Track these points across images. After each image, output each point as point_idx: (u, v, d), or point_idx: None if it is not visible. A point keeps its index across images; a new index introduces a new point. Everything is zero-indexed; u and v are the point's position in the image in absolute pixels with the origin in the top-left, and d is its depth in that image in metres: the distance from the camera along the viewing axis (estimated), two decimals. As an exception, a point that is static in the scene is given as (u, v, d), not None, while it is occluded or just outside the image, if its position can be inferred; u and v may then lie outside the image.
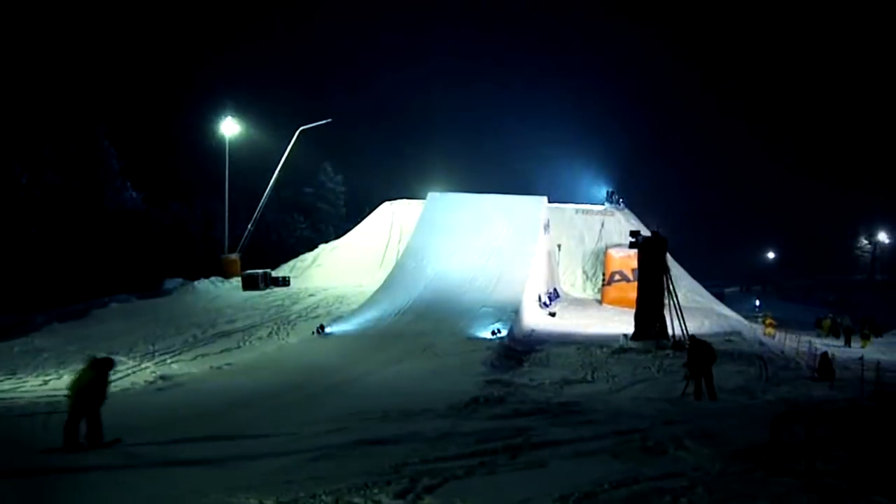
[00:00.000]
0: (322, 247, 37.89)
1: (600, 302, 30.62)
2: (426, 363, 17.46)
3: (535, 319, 25.21)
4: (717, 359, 14.19)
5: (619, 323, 25.52)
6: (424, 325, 21.81)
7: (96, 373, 9.72)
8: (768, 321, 29.25)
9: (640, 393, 14.87)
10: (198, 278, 31.60)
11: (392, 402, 12.56)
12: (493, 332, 20.65)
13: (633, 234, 22.43)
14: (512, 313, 23.09)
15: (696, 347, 14.37)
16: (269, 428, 10.59)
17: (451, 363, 17.29)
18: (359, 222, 40.38)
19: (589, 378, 16.68)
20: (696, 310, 26.82)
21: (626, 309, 27.97)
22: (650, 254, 21.32)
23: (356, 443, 9.27)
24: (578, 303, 30.63)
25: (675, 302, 20.77)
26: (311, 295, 29.20)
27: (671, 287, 20.99)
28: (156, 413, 11.82)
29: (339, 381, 15.05)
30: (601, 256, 33.93)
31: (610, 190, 36.51)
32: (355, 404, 12.37)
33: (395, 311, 23.59)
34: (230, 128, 35.71)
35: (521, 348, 20.25)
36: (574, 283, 34.00)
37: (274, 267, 34.93)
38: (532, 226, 30.04)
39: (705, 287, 33.83)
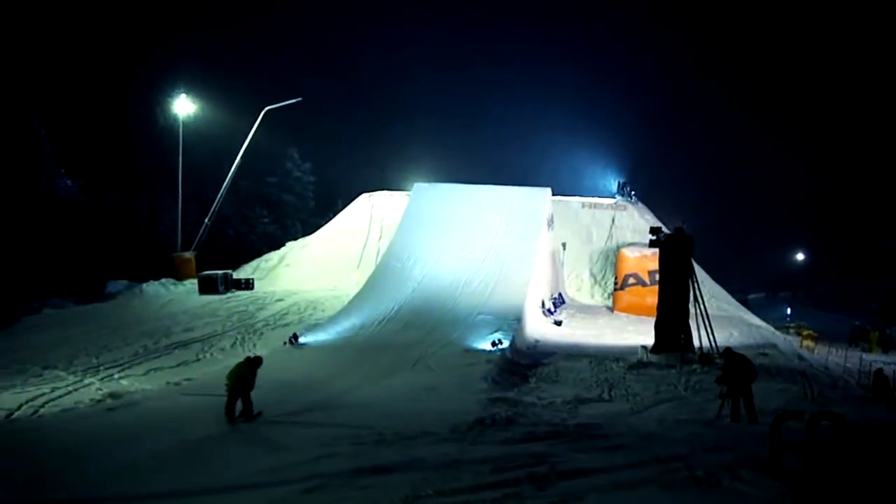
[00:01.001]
0: (290, 245, 37.87)
1: (612, 309, 30.70)
2: (419, 378, 17.34)
3: (538, 329, 25.21)
4: (757, 375, 14.15)
5: (635, 333, 25.70)
6: (414, 334, 21.73)
7: (249, 368, 13.50)
8: (805, 332, 29.42)
9: (667, 414, 14.82)
10: (146, 280, 31.56)
11: (385, 423, 12.41)
12: (494, 344, 20.55)
13: (655, 230, 22.44)
14: (513, 322, 23.05)
15: (732, 362, 14.28)
16: (247, 454, 10.37)
17: (447, 379, 17.21)
18: (331, 217, 40.34)
19: (606, 396, 16.65)
20: (721, 318, 26.99)
21: (642, 317, 28.20)
22: (674, 254, 21.35)
23: (354, 471, 9.09)
24: (586, 310, 30.68)
25: (703, 310, 20.80)
26: (280, 299, 29.17)
27: (698, 292, 21.03)
28: (111, 438, 11.54)
29: (321, 398, 14.87)
30: (612, 257, 34.08)
31: (621, 181, 36.76)
32: (344, 426, 12.19)
33: (380, 318, 23.47)
34: (184, 107, 35.41)
35: (525, 362, 20.24)
36: (580, 287, 34.11)
37: (234, 267, 35.04)
38: (534, 222, 30.06)
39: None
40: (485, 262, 27.69)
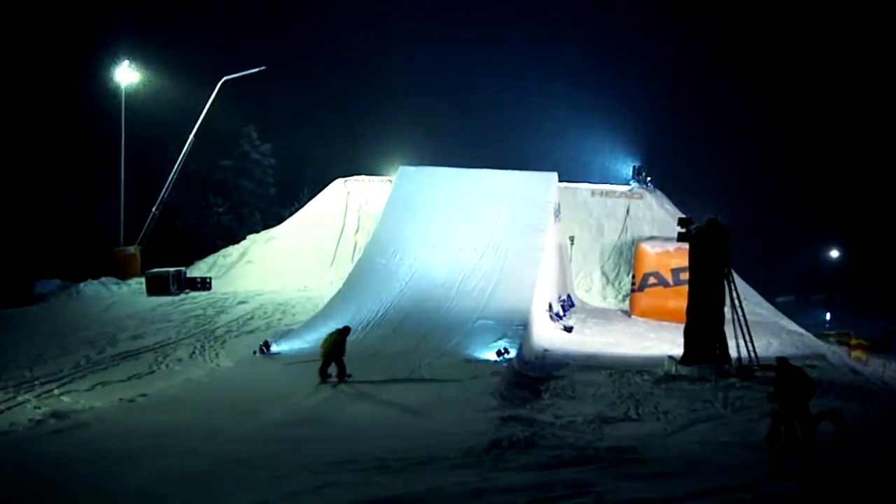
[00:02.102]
0: (252, 238, 37.75)
1: (628, 313, 30.73)
2: (416, 393, 17.20)
3: (546, 336, 25.17)
4: (815, 391, 14.05)
5: (658, 341, 25.76)
6: (404, 342, 21.61)
7: (340, 337, 18.16)
8: (854, 342, 29.49)
9: (707, 435, 14.81)
10: (82, 279, 31.19)
11: (386, 445, 12.35)
12: (500, 353, 20.48)
13: (684, 221, 22.39)
14: (519, 327, 23.00)
15: (786, 375, 14.08)
16: (235, 486, 10.18)
17: (449, 394, 17.12)
18: (296, 206, 40.21)
19: (633, 415, 16.63)
20: (756, 325, 26.86)
21: (664, 322, 28.33)
22: (707, 249, 21.29)
23: (362, 504, 8.92)
24: (599, 314, 30.73)
25: (741, 314, 20.79)
26: (242, 302, 29.05)
27: (735, 294, 21.02)
28: (69, 467, 11.32)
29: (304, 417, 14.72)
30: (626, 253, 34.12)
31: (637, 165, 36.78)
32: (338, 450, 12.07)
33: (363, 323, 23.34)
34: (126, 76, 35.00)
35: (534, 374, 20.21)
36: (590, 287, 34.17)
37: (185, 263, 34.80)
38: (539, 211, 30.07)
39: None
40: (483, 259, 27.60)
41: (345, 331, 18.41)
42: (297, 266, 33.62)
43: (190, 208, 51.85)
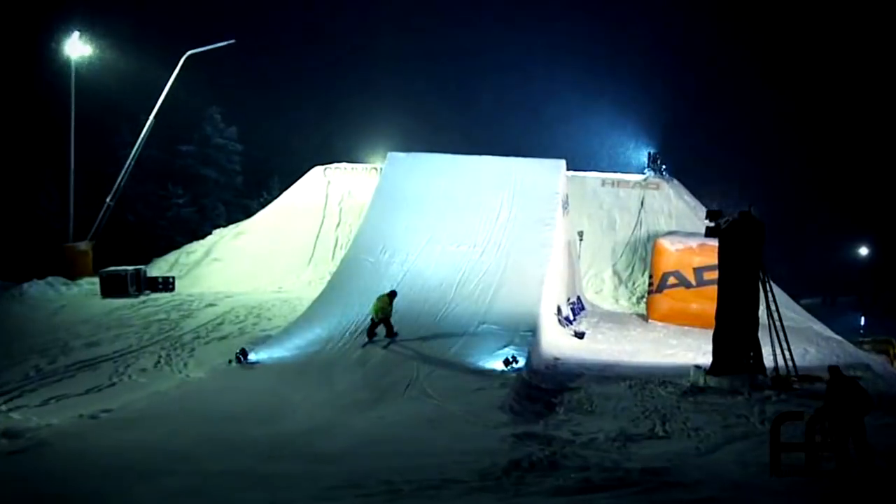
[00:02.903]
0: (220, 233, 37.56)
1: (645, 317, 30.64)
2: (416, 407, 17.26)
3: (556, 342, 25.14)
4: (873, 405, 13.90)
5: (680, 348, 25.79)
6: (399, 349, 21.66)
7: (389, 300, 22.50)
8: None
9: (746, 455, 14.73)
10: (26, 278, 30.87)
11: (391, 466, 12.36)
12: (507, 362, 20.42)
13: (713, 214, 22.30)
14: (527, 333, 22.98)
15: (840, 387, 13.94)
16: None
17: (454, 407, 17.16)
18: (266, 198, 39.95)
19: (660, 432, 16.58)
20: (789, 330, 26.92)
21: (687, 328, 28.36)
22: (740, 246, 21.21)
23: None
24: (612, 318, 30.66)
25: (777, 319, 20.73)
26: (211, 304, 29.00)
27: (771, 296, 20.96)
28: (23, 492, 11.02)
29: (295, 434, 14.68)
30: (641, 250, 34.07)
31: (653, 152, 36.66)
32: (337, 471, 12.04)
33: (351, 328, 23.32)
34: (77, 49, 34.73)
35: (546, 386, 20.20)
36: (601, 288, 34.09)
37: (142, 261, 34.58)
38: (546, 203, 29.90)
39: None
40: (484, 256, 27.54)
41: (392, 294, 22.96)
42: (271, 264, 33.55)
43: (145, 199, 51.55)
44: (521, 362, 20.56)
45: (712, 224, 22.27)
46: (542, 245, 28.04)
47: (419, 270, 26.98)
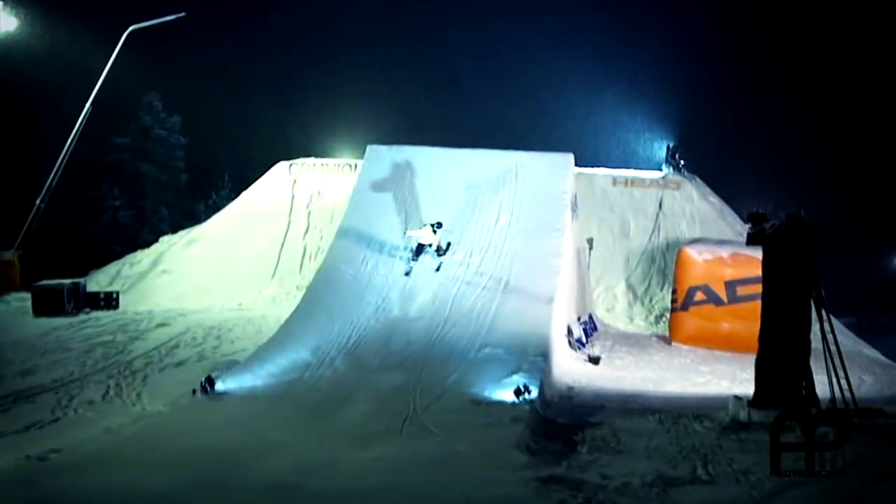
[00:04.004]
0: (167, 241, 37.55)
1: (667, 339, 30.71)
2: (418, 446, 16.95)
3: (569, 368, 25.06)
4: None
5: (712, 376, 25.74)
6: (390, 378, 21.36)
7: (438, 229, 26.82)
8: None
9: (814, 504, 14.67)
10: (-61, 293, 30.80)
11: None
12: (518, 392, 20.25)
13: (756, 218, 22.18)
14: (537, 359, 22.81)
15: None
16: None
17: (462, 447, 16.83)
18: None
19: (703, 475, 16.37)
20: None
21: (718, 352, 28.45)
22: (789, 255, 21.10)
23: None
24: (628, 340, 30.68)
25: (833, 342, 20.66)
26: (162, 324, 28.83)
27: (825, 316, 20.92)
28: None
29: (282, 480, 14.33)
30: (660, 260, 34.23)
31: (672, 145, 36.81)
32: None
33: (332, 352, 23.12)
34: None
35: (564, 420, 20.02)
36: (613, 305, 34.20)
37: (76, 273, 34.28)
38: (554, 204, 29.81)
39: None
40: (483, 267, 27.44)
41: (439, 225, 26.18)
42: (229, 277, 33.57)
43: (73, 201, 51.18)
44: (534, 392, 20.40)
45: (755, 229, 22.23)
46: (550, 254, 27.91)
47: (407, 284, 26.87)
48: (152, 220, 53.09)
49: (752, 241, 22.68)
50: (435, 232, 26.58)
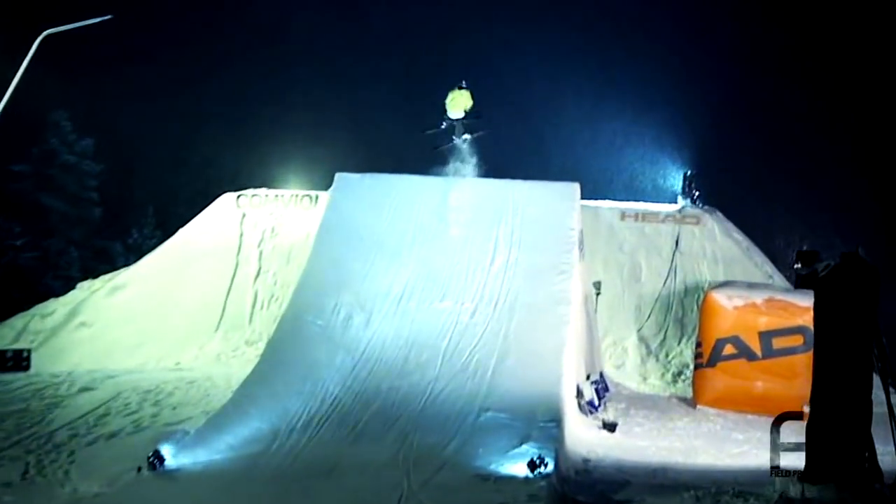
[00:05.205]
0: (87, 287, 37.01)
1: (691, 402, 30.62)
2: (423, 534, 16.74)
3: (584, 437, 24.92)
4: None
5: (750, 444, 25.35)
6: (376, 449, 21.16)
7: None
8: None
9: None
10: None
11: None
12: (533, 465, 19.97)
13: (806, 257, 22.22)
14: (549, 425, 22.69)
15: None
16: None
17: (472, 532, 16.70)
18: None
19: (755, 566, 16.58)
20: (881, 415, 27.15)
21: (752, 416, 27.97)
22: (847, 301, 21.12)
23: None
24: (644, 402, 30.59)
25: (896, 403, 20.70)
26: (87, 388, 28.32)
27: (889, 372, 20.94)
28: None
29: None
30: (677, 307, 34.23)
31: (690, 173, 37.02)
32: None
33: (303, 419, 22.88)
34: None
35: (584, 498, 19.82)
36: (623, 361, 34.14)
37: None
38: (559, 242, 29.94)
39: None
40: (477, 317, 27.32)
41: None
42: (163, 331, 33.31)
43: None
44: (550, 465, 20.14)
45: (805, 269, 22.25)
46: (556, 300, 27.87)
47: (389, 337, 26.58)
48: (59, 262, 52.49)
49: (802, 283, 22.70)
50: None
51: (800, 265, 22.69)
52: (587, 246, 33.45)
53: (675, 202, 36.84)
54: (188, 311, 34.02)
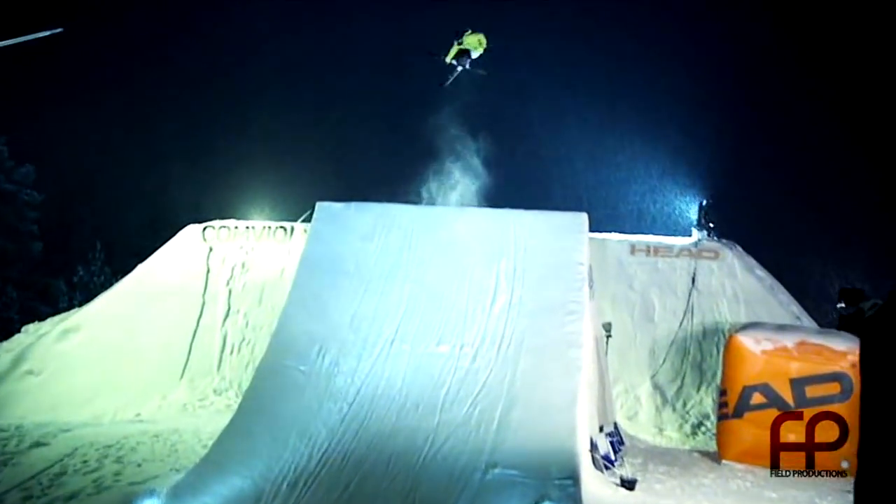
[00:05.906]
0: (34, 331, 36.62)
1: (714, 456, 30.39)
2: None
3: (599, 494, 24.62)
4: None
5: (785, 503, 25.38)
6: (371, 508, 20.89)
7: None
8: None
9: None
10: None
11: None
12: (550, 531, 19.98)
13: (851, 295, 22.23)
14: (566, 482, 22.45)
15: None
16: None
17: None
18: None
19: None
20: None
21: (783, 472, 27.73)
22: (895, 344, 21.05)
23: None
24: (662, 457, 30.43)
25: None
26: (38, 444, 27.91)
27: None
28: None
29: None
30: (695, 351, 34.05)
31: (706, 202, 37.02)
32: None
33: (289, 476, 22.63)
34: None
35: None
36: (635, 411, 34.05)
37: None
38: (568, 279, 29.64)
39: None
40: (479, 362, 27.01)
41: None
42: (121, 378, 33.11)
43: None
44: (571, 527, 20.05)
45: (848, 310, 22.16)
46: (567, 343, 27.55)
47: (380, 385, 26.27)
48: (-4, 304, 52.34)
49: (846, 324, 22.60)
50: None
51: (843, 304, 22.65)
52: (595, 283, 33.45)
53: (690, 234, 36.80)
54: (149, 356, 33.81)
